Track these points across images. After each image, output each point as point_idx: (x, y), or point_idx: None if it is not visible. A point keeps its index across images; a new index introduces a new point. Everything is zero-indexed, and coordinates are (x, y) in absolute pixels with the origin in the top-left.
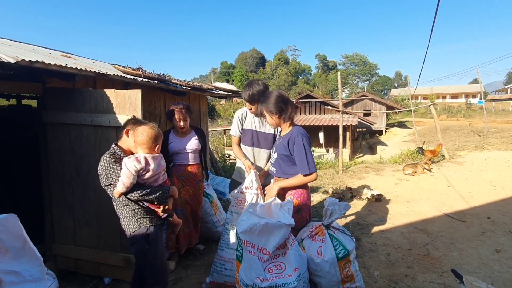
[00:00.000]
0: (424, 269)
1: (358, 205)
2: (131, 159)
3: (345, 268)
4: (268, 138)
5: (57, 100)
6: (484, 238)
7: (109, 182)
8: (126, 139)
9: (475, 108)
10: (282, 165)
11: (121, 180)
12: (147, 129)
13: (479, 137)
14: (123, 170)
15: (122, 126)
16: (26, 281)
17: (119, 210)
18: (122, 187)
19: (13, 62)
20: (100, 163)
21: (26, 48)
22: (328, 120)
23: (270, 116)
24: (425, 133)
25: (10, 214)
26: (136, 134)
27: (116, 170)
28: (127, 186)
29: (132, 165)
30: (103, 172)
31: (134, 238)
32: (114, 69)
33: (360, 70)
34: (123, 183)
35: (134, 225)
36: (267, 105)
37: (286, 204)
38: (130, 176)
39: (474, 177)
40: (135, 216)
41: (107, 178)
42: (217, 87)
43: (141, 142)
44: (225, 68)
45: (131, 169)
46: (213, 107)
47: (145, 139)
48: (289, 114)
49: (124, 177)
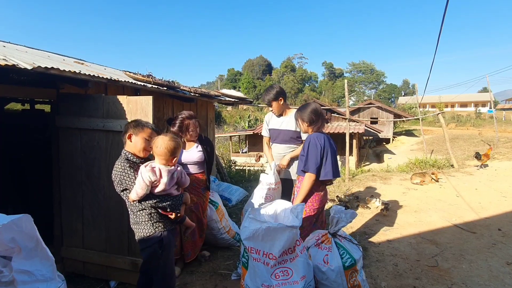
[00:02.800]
0: (433, 280)
1: (365, 214)
2: (147, 169)
3: (352, 278)
4: (288, 134)
5: (70, 106)
6: (495, 250)
7: (124, 187)
8: (130, 144)
9: (485, 117)
10: (300, 164)
11: (135, 189)
12: (166, 141)
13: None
14: (138, 179)
15: (124, 131)
16: (37, 280)
17: (135, 214)
18: (135, 196)
19: (29, 68)
20: (115, 169)
21: (41, 54)
22: (335, 127)
23: (301, 123)
24: (433, 142)
25: (24, 214)
26: (155, 144)
27: (131, 176)
28: (140, 195)
29: (147, 176)
30: (117, 178)
31: (148, 242)
32: (125, 76)
33: (367, 78)
34: (137, 193)
35: (150, 229)
36: (302, 113)
37: (297, 208)
38: (144, 187)
39: (484, 188)
40: (151, 220)
41: (121, 184)
42: (224, 94)
43: (159, 153)
44: (232, 75)
45: (145, 180)
46: (220, 114)
47: (164, 151)
48: (318, 126)
49: (138, 187)
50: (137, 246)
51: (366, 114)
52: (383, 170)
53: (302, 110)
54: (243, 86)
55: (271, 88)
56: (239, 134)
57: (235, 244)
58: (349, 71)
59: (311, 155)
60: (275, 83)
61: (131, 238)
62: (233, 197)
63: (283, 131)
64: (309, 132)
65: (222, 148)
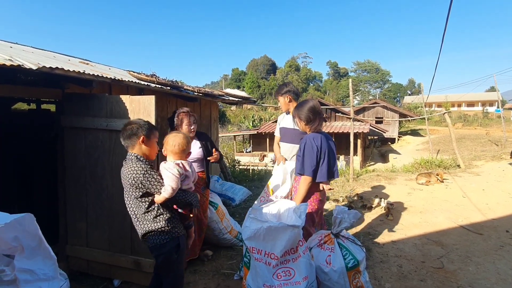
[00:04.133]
0: (439, 282)
1: (369, 215)
2: (172, 165)
3: (355, 279)
4: (294, 133)
5: (75, 105)
6: (503, 252)
7: (145, 191)
8: (142, 147)
9: (492, 117)
10: (297, 164)
11: (168, 185)
12: (179, 138)
13: (497, 147)
14: (168, 175)
15: (133, 133)
16: (40, 279)
17: (149, 221)
18: (170, 192)
19: (35, 68)
20: (132, 173)
21: (47, 55)
22: (339, 127)
23: (298, 121)
24: (439, 141)
25: (27, 213)
26: (167, 142)
27: (155, 177)
28: (175, 190)
29: (175, 171)
30: (137, 181)
31: (164, 248)
32: (129, 76)
33: (372, 77)
34: (172, 188)
35: (166, 236)
36: (299, 111)
37: (300, 208)
38: (177, 181)
39: (491, 188)
40: (168, 226)
41: (143, 187)
42: (228, 94)
43: (174, 151)
44: (236, 74)
45: (175, 174)
46: (224, 113)
47: (178, 148)
48: (315, 126)
49: (172, 183)
50: (140, 245)
51: (371, 113)
52: (388, 170)
53: (299, 107)
54: (247, 86)
55: (283, 84)
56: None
57: (237, 243)
58: (354, 70)
59: (307, 158)
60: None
61: (134, 237)
62: (236, 197)
63: (289, 130)
64: (307, 131)
65: (226, 147)
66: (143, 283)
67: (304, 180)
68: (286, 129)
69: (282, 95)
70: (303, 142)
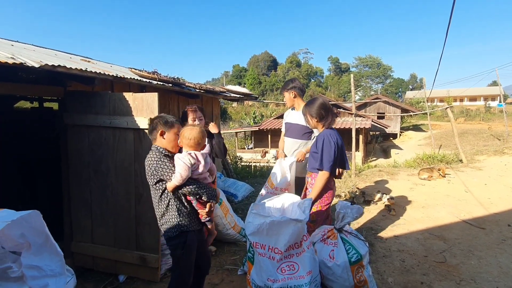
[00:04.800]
0: (441, 276)
1: (371, 210)
2: (183, 154)
3: (358, 273)
4: (297, 128)
5: (77, 103)
6: (505, 246)
7: (159, 178)
8: (162, 140)
9: (495, 111)
10: (311, 161)
11: (178, 172)
12: (195, 131)
13: (499, 141)
14: (179, 163)
15: (152, 128)
16: (47, 275)
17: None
18: (179, 179)
19: (37, 66)
20: (148, 160)
21: (48, 53)
22: (341, 123)
23: (310, 118)
24: (441, 136)
25: (33, 210)
26: (183, 135)
27: (168, 164)
28: (184, 178)
29: (187, 159)
30: (152, 167)
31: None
32: (131, 73)
33: (374, 73)
34: (181, 175)
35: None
36: (310, 109)
37: (304, 203)
38: (187, 169)
39: (493, 183)
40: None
41: (157, 173)
42: (229, 90)
43: (189, 144)
44: (237, 71)
45: (186, 162)
46: (225, 110)
47: (193, 141)
48: (329, 122)
49: (182, 170)
50: (145, 241)
51: (373, 109)
52: (390, 165)
53: (310, 105)
54: (248, 82)
55: (289, 80)
56: (245, 130)
57: (241, 239)
58: (355, 65)
59: (326, 153)
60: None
61: (139, 233)
62: (239, 193)
63: (293, 125)
64: (319, 128)
65: (227, 144)
66: (149, 278)
67: (323, 175)
68: (291, 124)
69: (287, 91)
70: (320, 139)
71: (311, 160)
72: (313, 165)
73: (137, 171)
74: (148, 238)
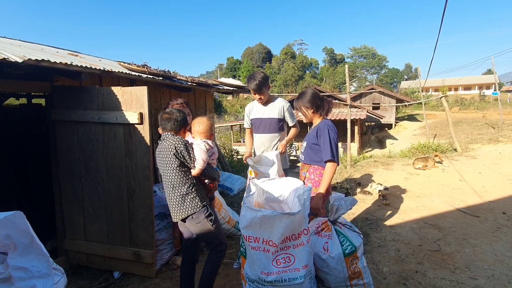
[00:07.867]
0: (435, 265)
1: (367, 200)
2: (200, 141)
3: (352, 265)
4: (272, 123)
5: (64, 98)
6: (500, 234)
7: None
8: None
9: (489, 100)
10: (310, 153)
11: (200, 158)
12: (205, 120)
13: (494, 130)
14: (198, 149)
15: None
16: (34, 276)
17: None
18: (202, 163)
19: (20, 61)
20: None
21: (35, 48)
22: (336, 114)
23: (305, 110)
24: (436, 126)
25: (16, 211)
26: (194, 125)
27: (192, 151)
28: (205, 162)
29: (203, 146)
30: (179, 150)
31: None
32: (120, 67)
33: (369, 63)
34: (203, 160)
35: (199, 204)
36: (303, 101)
37: (304, 193)
38: (206, 154)
39: (488, 171)
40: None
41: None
42: (222, 83)
43: (201, 131)
44: (231, 63)
45: (204, 148)
46: (220, 103)
47: (205, 128)
48: (326, 110)
49: (203, 155)
50: (139, 237)
51: (368, 99)
52: (385, 156)
53: (301, 97)
54: (243, 75)
55: (257, 74)
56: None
57: (236, 233)
58: (350, 56)
59: (334, 144)
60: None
61: (133, 229)
62: (234, 187)
63: (265, 120)
64: (316, 119)
65: (223, 137)
66: (144, 274)
67: (332, 166)
68: (261, 120)
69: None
70: (323, 129)
71: (309, 152)
72: (312, 158)
73: (128, 167)
74: (142, 234)
